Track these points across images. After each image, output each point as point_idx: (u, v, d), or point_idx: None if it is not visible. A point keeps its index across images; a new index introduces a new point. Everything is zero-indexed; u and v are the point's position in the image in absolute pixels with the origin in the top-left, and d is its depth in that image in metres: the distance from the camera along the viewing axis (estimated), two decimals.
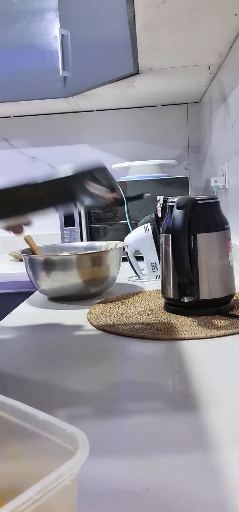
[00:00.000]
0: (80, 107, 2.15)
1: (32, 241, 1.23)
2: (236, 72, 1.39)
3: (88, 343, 0.81)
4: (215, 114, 1.77)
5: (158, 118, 2.23)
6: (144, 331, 0.81)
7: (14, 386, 0.64)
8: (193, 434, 0.48)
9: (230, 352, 0.73)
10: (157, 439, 0.47)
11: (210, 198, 0.91)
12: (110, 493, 0.39)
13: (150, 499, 0.38)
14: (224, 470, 0.41)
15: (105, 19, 1.63)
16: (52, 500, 0.26)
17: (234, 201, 1.46)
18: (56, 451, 0.30)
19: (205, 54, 1.47)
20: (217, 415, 0.52)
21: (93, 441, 0.47)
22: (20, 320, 1.00)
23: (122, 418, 0.52)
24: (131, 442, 0.47)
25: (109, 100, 2.04)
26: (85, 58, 1.74)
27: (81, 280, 1.11)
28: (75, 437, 0.30)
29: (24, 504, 0.24)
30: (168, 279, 0.92)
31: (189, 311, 0.90)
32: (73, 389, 0.61)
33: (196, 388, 0.59)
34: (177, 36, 1.29)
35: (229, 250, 0.91)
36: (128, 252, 1.32)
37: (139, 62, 1.50)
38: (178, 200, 0.87)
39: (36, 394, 0.61)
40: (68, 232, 1.79)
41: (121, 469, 0.43)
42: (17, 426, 0.33)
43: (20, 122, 2.26)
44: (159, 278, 1.25)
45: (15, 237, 0.83)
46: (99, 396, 0.59)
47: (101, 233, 1.80)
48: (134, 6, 1.07)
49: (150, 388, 0.60)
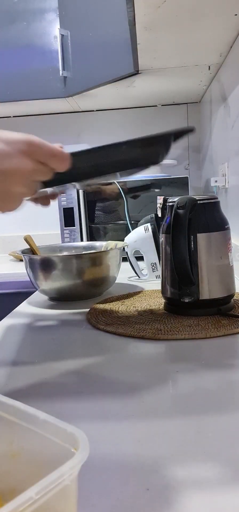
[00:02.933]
0: (80, 107, 2.15)
1: (32, 241, 1.23)
2: (236, 72, 1.39)
3: (88, 343, 0.81)
4: (215, 114, 1.77)
5: (158, 118, 2.24)
6: (144, 331, 0.81)
7: (13, 385, 0.64)
8: (193, 434, 0.48)
9: (230, 352, 0.73)
10: (157, 439, 0.47)
11: (210, 198, 0.91)
12: (110, 493, 0.39)
13: (150, 499, 0.38)
14: (224, 470, 0.41)
15: (105, 19, 1.63)
16: (52, 500, 0.26)
17: (234, 201, 1.46)
18: (56, 451, 0.30)
19: (205, 54, 1.47)
20: (218, 416, 0.52)
21: (93, 441, 0.47)
22: (20, 320, 1.00)
23: (122, 419, 0.52)
24: (131, 443, 0.47)
25: (109, 100, 2.04)
26: (85, 58, 1.74)
27: (81, 280, 1.11)
28: (75, 437, 0.30)
29: (24, 504, 0.24)
30: (168, 279, 0.92)
31: (189, 311, 0.90)
32: (73, 389, 0.61)
33: (196, 388, 0.59)
34: (177, 36, 1.29)
35: (229, 250, 0.91)
36: (128, 252, 1.32)
37: (139, 62, 1.50)
38: (178, 200, 0.87)
39: (35, 394, 0.61)
40: (68, 232, 1.79)
41: (121, 469, 0.43)
42: (17, 426, 0.33)
43: (20, 122, 2.26)
44: (159, 278, 1.25)
45: (15, 237, 0.83)
46: (99, 396, 0.59)
47: (101, 233, 1.80)
48: (134, 6, 1.07)
49: (150, 388, 0.60)
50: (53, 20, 1.82)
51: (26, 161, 0.53)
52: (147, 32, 1.24)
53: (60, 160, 0.56)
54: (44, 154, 0.55)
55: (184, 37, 1.30)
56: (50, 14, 1.82)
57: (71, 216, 1.78)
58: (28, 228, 2.11)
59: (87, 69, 1.75)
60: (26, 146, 0.53)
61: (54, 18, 1.81)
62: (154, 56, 1.45)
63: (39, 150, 0.54)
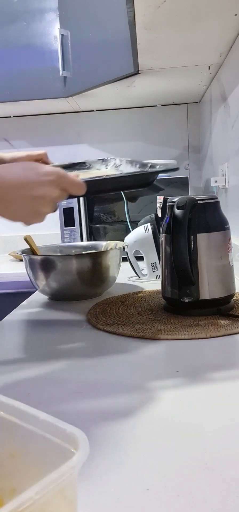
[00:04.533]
0: (80, 107, 2.15)
1: (32, 241, 1.23)
2: (236, 72, 1.39)
3: (88, 343, 0.81)
4: (215, 114, 1.77)
5: (158, 118, 2.24)
6: (144, 331, 0.81)
7: (14, 386, 0.64)
8: (193, 434, 0.48)
9: (230, 352, 0.73)
10: (157, 439, 0.47)
11: (210, 198, 0.91)
12: (110, 493, 0.39)
13: (150, 499, 0.38)
14: (224, 470, 0.41)
15: (105, 19, 1.63)
16: (52, 500, 0.26)
17: (234, 201, 1.46)
18: (56, 451, 0.30)
19: (205, 54, 1.47)
20: (217, 415, 0.52)
21: (93, 441, 0.47)
22: (20, 320, 1.00)
23: (122, 418, 0.52)
24: (131, 442, 0.47)
25: (109, 100, 2.04)
26: (85, 58, 1.74)
27: (81, 280, 1.11)
28: (75, 437, 0.30)
29: (24, 504, 0.24)
30: (168, 279, 0.92)
31: (189, 311, 0.90)
32: (72, 389, 0.61)
33: (196, 388, 0.59)
34: (177, 36, 1.29)
35: (229, 250, 0.91)
36: (128, 252, 1.32)
37: (139, 62, 1.50)
38: (178, 200, 0.87)
39: (35, 394, 0.61)
40: (68, 232, 1.79)
41: (121, 469, 0.43)
42: (17, 426, 0.33)
43: (20, 122, 2.26)
44: (159, 278, 1.25)
45: (15, 237, 0.85)
46: (99, 396, 0.59)
47: (101, 233, 1.80)
48: (134, 6, 1.07)
49: (150, 388, 0.60)
50: (53, 20, 1.81)
51: (54, 190, 0.68)
52: (147, 32, 1.24)
53: (78, 188, 0.71)
54: (67, 184, 0.69)
55: (184, 37, 1.30)
56: (50, 14, 1.82)
57: (71, 216, 1.78)
58: (28, 228, 2.10)
59: (87, 69, 1.75)
60: (55, 178, 0.67)
61: (54, 18, 1.81)
62: (154, 56, 1.45)
63: (64, 181, 0.69)
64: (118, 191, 1.08)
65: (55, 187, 0.68)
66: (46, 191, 0.67)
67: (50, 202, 0.68)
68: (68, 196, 0.72)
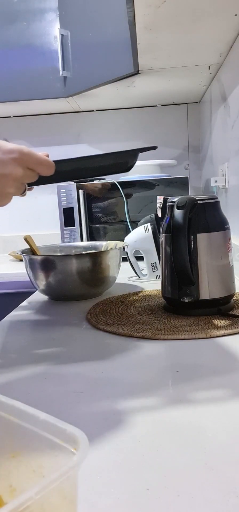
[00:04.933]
0: (80, 107, 2.15)
1: (32, 241, 1.23)
2: (236, 72, 1.39)
3: (88, 343, 0.81)
4: (215, 114, 1.77)
5: (158, 118, 2.24)
6: (144, 331, 0.81)
7: (13, 386, 0.64)
8: (193, 434, 0.48)
9: (230, 352, 0.73)
10: (157, 439, 0.47)
11: (210, 198, 0.91)
12: (110, 493, 0.39)
13: (150, 499, 0.38)
14: (224, 470, 0.41)
15: (105, 19, 1.63)
16: (52, 500, 0.26)
17: (234, 201, 1.46)
18: (56, 451, 0.30)
19: (205, 54, 1.47)
20: (217, 415, 0.52)
21: (93, 441, 0.47)
22: (20, 320, 1.00)
23: (122, 418, 0.52)
24: (131, 442, 0.47)
25: (109, 100, 2.04)
26: (85, 58, 1.74)
27: (81, 280, 1.11)
28: (75, 437, 0.30)
29: (24, 504, 0.24)
30: (168, 279, 0.92)
31: (189, 311, 0.90)
32: (72, 389, 0.61)
33: (196, 388, 0.59)
34: (177, 36, 1.29)
35: (229, 250, 0.91)
36: (128, 252, 1.32)
37: (139, 62, 1.50)
38: (178, 200, 0.87)
39: (35, 394, 0.61)
40: (68, 232, 1.79)
41: (121, 469, 0.43)
42: (17, 426, 0.33)
43: (20, 122, 2.26)
44: (159, 278, 1.25)
45: (15, 237, 0.84)
46: (99, 396, 0.59)
47: (101, 233, 1.80)
48: (134, 6, 1.07)
49: (150, 388, 0.60)
50: (53, 20, 1.82)
51: (17, 168, 0.64)
52: (147, 32, 1.24)
53: (46, 167, 0.67)
54: (32, 162, 0.66)
55: (184, 37, 1.30)
56: (50, 14, 1.82)
57: (71, 216, 1.78)
58: (28, 228, 2.11)
59: (87, 69, 1.75)
60: (18, 155, 0.64)
61: (54, 18, 1.81)
62: (154, 56, 1.45)
63: (29, 159, 0.65)
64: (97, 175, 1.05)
65: (19, 165, 0.64)
66: (8, 170, 0.63)
67: (14, 181, 0.64)
68: (37, 176, 0.67)
